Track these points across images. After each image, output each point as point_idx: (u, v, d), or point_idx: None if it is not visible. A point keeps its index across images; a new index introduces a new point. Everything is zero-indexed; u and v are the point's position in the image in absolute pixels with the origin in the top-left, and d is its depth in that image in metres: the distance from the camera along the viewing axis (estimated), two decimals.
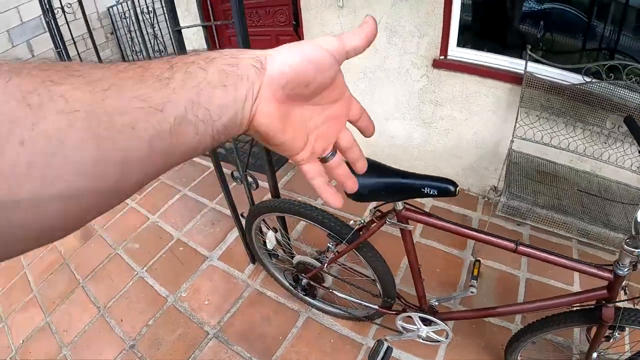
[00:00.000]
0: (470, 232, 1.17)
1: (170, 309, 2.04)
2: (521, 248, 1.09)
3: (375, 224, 1.31)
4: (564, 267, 1.10)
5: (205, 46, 3.11)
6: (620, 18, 1.79)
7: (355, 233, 1.37)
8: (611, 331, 1.14)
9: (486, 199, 2.50)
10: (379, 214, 1.32)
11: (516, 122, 2.02)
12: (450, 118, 2.36)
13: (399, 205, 1.21)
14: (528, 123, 2.01)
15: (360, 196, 1.17)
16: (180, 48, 1.36)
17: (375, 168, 1.19)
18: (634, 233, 0.97)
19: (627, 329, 1.12)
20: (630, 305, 1.13)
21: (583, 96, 1.81)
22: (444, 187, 1.08)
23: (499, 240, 1.13)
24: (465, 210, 2.48)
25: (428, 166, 2.64)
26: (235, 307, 2.01)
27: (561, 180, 1.93)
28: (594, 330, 1.19)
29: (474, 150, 2.40)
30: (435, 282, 2.01)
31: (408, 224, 1.25)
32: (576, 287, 1.89)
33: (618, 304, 1.08)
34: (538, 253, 1.10)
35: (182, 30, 1.35)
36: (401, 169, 1.16)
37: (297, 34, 2.68)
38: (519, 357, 1.45)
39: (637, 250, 0.94)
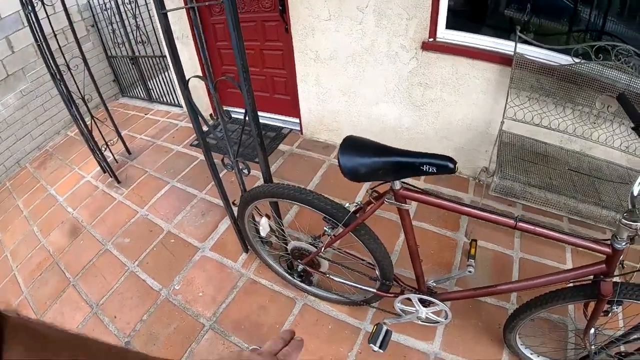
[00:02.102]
0: (468, 209, 1.14)
1: (164, 302, 2.00)
2: (521, 224, 1.07)
3: (372, 205, 1.29)
4: (563, 242, 1.08)
5: (189, 33, 3.04)
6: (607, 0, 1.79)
7: (352, 215, 1.35)
8: (609, 305, 1.14)
9: (477, 180, 2.51)
10: (376, 194, 1.30)
11: (506, 103, 2.02)
12: (440, 100, 2.36)
13: (397, 184, 1.19)
14: (518, 104, 2.02)
15: (357, 176, 1.15)
16: (167, 32, 1.31)
17: (372, 147, 1.17)
18: (630, 207, 0.96)
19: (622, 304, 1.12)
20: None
21: (572, 77, 1.82)
22: (443, 164, 1.07)
23: (498, 217, 1.11)
24: (457, 192, 2.48)
25: (418, 149, 2.60)
26: (230, 297, 1.98)
27: (552, 160, 1.94)
28: (591, 306, 1.20)
29: (465, 132, 2.41)
30: (430, 264, 2.01)
31: (406, 203, 1.23)
32: (569, 266, 1.89)
33: (615, 279, 1.07)
34: (538, 229, 1.08)
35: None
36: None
37: (283, 19, 2.62)
38: (517, 336, 1.46)
39: (635, 223, 0.93)
